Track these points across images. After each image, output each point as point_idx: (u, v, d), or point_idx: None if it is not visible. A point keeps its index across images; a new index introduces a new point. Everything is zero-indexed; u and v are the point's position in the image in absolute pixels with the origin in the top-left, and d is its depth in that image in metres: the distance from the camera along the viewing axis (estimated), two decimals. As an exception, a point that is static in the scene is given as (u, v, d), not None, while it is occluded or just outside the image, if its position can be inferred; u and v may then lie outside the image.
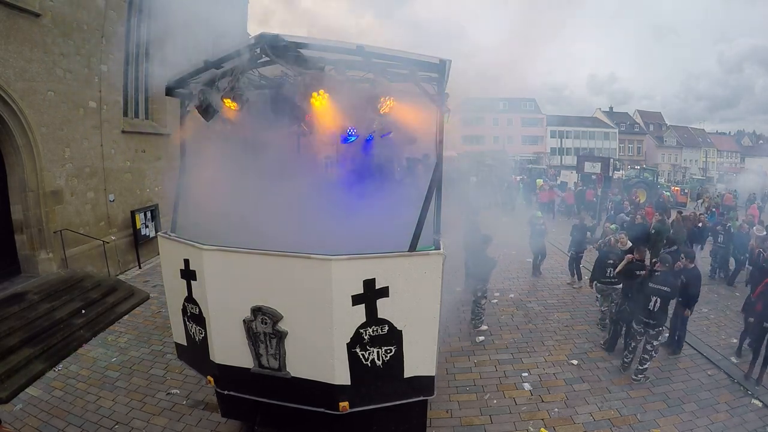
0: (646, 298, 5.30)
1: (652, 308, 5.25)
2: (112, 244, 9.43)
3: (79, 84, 8.43)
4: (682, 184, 35.14)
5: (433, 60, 3.31)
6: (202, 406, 4.98)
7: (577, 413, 4.88)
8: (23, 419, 4.74)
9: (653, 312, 5.25)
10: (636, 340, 5.57)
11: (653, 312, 5.25)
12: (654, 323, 5.27)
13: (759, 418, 4.79)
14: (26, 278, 7.59)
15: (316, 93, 3.53)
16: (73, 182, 8.49)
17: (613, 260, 6.73)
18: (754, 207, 16.07)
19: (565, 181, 22.98)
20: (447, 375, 5.59)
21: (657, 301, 5.22)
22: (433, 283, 3.28)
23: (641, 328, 5.41)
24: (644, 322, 5.33)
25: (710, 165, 53.81)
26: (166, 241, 3.92)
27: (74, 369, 5.79)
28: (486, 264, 6.81)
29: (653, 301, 5.23)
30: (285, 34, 3.41)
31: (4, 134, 7.24)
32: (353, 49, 3.32)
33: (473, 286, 6.99)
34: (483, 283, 6.89)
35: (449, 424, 4.70)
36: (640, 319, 5.39)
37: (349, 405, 3.40)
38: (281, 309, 3.32)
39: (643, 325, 5.36)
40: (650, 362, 5.46)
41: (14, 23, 7.01)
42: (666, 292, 5.22)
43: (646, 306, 5.31)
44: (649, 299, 5.27)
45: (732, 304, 8.14)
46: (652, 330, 5.31)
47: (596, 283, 7.03)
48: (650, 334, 5.34)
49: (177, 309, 3.94)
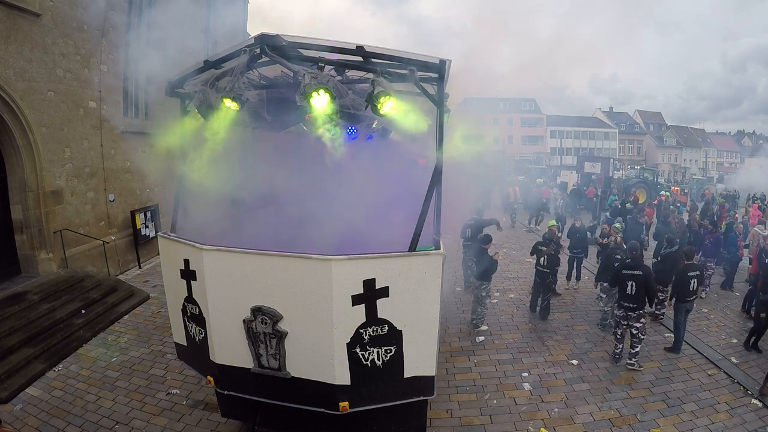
0: (623, 283, 5.79)
1: (630, 292, 5.71)
2: (112, 244, 9.44)
3: (79, 84, 8.44)
4: (682, 184, 35.16)
5: (433, 60, 3.31)
6: (202, 406, 4.98)
7: (577, 413, 4.88)
8: (23, 419, 4.74)
9: (631, 296, 5.71)
10: (620, 326, 5.90)
11: (631, 296, 5.71)
12: (634, 306, 5.70)
13: (759, 418, 4.79)
14: (26, 278, 7.59)
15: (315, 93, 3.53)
16: (73, 182, 8.49)
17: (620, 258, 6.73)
18: (755, 207, 16.08)
19: (565, 181, 22.96)
20: (447, 375, 5.59)
21: (632, 285, 5.69)
22: (433, 283, 3.28)
23: (622, 312, 5.81)
24: (624, 306, 5.77)
25: (710, 165, 53.83)
26: (166, 241, 3.92)
27: (74, 369, 5.80)
28: (490, 263, 6.82)
29: (629, 285, 5.71)
30: (285, 34, 3.42)
31: (4, 134, 7.25)
32: (353, 49, 3.32)
33: (477, 285, 6.96)
34: (487, 282, 6.91)
35: (449, 424, 4.70)
36: (621, 304, 5.84)
37: (349, 405, 3.40)
38: (281, 309, 3.32)
39: (624, 309, 5.78)
40: (640, 345, 5.79)
41: (14, 23, 7.01)
42: (638, 275, 5.69)
43: (624, 291, 5.79)
44: (625, 284, 5.76)
45: (732, 304, 8.14)
46: (632, 313, 5.71)
47: (601, 282, 7.02)
48: (631, 317, 5.73)
49: (177, 309, 3.94)
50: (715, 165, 53.94)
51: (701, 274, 6.25)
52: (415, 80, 3.37)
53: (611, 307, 6.99)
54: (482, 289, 6.87)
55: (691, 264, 6.25)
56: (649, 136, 53.62)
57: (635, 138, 53.02)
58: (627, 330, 5.82)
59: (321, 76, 3.38)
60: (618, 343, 5.93)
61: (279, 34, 3.41)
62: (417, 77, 3.37)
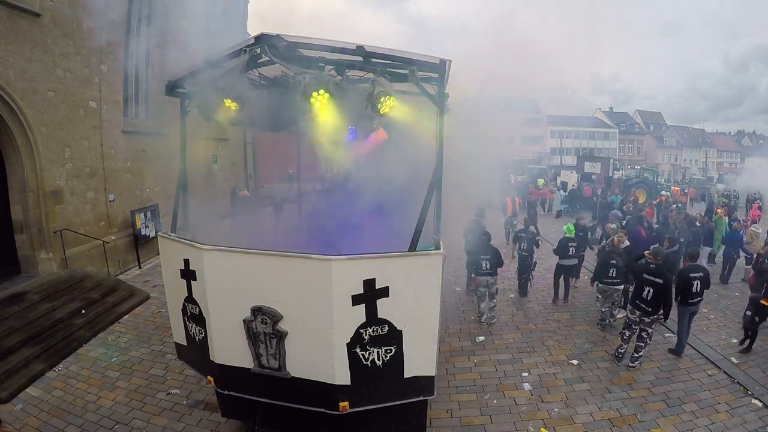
0: (641, 287, 5.66)
1: (645, 297, 5.58)
2: (112, 244, 9.43)
3: (79, 84, 8.43)
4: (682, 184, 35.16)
5: (433, 60, 3.31)
6: (202, 406, 4.98)
7: (577, 413, 4.88)
8: (23, 419, 4.74)
9: (646, 300, 5.58)
10: (631, 329, 5.80)
11: (646, 300, 5.58)
12: (649, 311, 5.59)
13: (759, 418, 4.78)
14: (26, 278, 7.59)
15: (316, 93, 3.53)
16: (73, 182, 8.49)
17: (616, 261, 6.74)
18: (755, 207, 16.09)
19: (566, 181, 22.98)
20: (447, 375, 5.59)
21: (650, 291, 5.54)
22: (433, 283, 3.28)
23: (637, 317, 5.68)
24: (640, 309, 5.64)
25: (710, 165, 53.83)
26: (166, 241, 3.92)
27: (74, 369, 5.79)
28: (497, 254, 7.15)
29: (647, 291, 5.58)
30: (285, 34, 3.41)
31: (4, 134, 7.24)
32: (353, 49, 3.32)
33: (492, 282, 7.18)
34: (494, 278, 7.18)
35: (449, 424, 4.70)
36: (637, 305, 5.69)
37: (349, 405, 3.40)
38: (281, 309, 3.32)
39: (639, 313, 5.66)
40: (645, 349, 5.79)
41: (14, 23, 7.01)
42: (659, 284, 5.50)
43: (639, 294, 5.67)
44: (642, 288, 5.63)
45: (732, 304, 8.13)
46: (647, 318, 5.61)
47: (598, 283, 7.03)
48: (645, 322, 5.64)
49: (177, 309, 3.94)
50: (715, 165, 53.94)
51: (705, 276, 6.05)
52: (416, 80, 3.37)
53: (608, 308, 7.01)
54: (495, 284, 7.22)
55: (694, 265, 6.17)
56: (649, 136, 53.63)
57: (635, 138, 53.03)
58: (635, 333, 5.75)
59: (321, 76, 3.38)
60: (624, 343, 5.89)
61: (279, 34, 3.41)
62: (417, 77, 3.37)
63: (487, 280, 7.08)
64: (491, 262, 7.06)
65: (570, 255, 8.00)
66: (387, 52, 3.39)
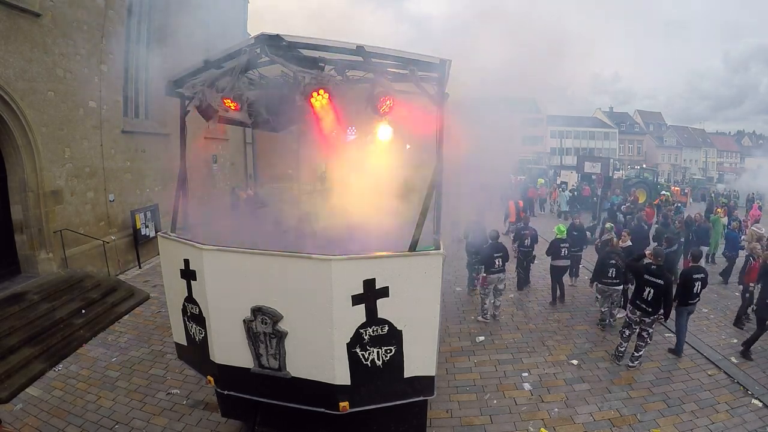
0: (642, 287, 5.69)
1: (646, 297, 5.61)
2: (112, 244, 9.43)
3: (79, 84, 8.43)
4: (682, 184, 35.18)
5: (433, 60, 3.31)
6: (202, 406, 4.98)
7: (577, 413, 4.88)
8: (23, 419, 4.74)
9: (646, 300, 5.61)
10: (631, 328, 5.83)
11: (646, 300, 5.61)
12: (649, 311, 5.62)
13: (759, 418, 4.79)
14: (26, 278, 7.59)
15: (316, 93, 3.53)
16: (73, 182, 8.48)
17: (615, 261, 6.74)
18: (755, 207, 16.08)
19: (566, 181, 22.98)
20: (447, 375, 5.59)
21: (650, 291, 5.57)
22: (433, 283, 3.28)
23: (637, 316, 5.71)
24: (640, 309, 5.67)
25: (710, 165, 53.83)
26: (166, 241, 3.92)
27: (74, 369, 5.80)
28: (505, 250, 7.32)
29: (647, 291, 5.60)
30: (285, 33, 3.41)
31: (4, 134, 7.24)
32: (353, 49, 3.32)
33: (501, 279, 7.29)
34: (505, 274, 7.33)
35: (449, 424, 4.70)
36: (637, 305, 5.71)
37: (349, 405, 3.40)
38: (281, 309, 3.31)
39: (639, 313, 5.69)
40: (644, 349, 5.81)
41: (14, 23, 7.00)
42: (659, 285, 5.52)
43: (640, 294, 5.69)
44: (643, 288, 5.65)
45: (732, 304, 8.12)
46: (647, 318, 5.64)
47: (597, 283, 7.03)
48: (646, 322, 5.67)
49: (177, 309, 3.94)
50: (715, 165, 53.94)
51: (706, 277, 6.06)
52: (416, 80, 3.37)
53: (608, 308, 7.01)
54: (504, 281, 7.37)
55: (696, 266, 6.15)
56: (649, 136, 53.62)
57: (635, 138, 53.02)
58: (635, 332, 5.79)
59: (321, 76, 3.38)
60: (624, 342, 5.92)
61: (279, 34, 3.40)
62: (417, 77, 3.37)
63: (499, 277, 7.21)
64: (503, 259, 7.23)
65: (563, 256, 8.06)
66: (387, 51, 3.39)
